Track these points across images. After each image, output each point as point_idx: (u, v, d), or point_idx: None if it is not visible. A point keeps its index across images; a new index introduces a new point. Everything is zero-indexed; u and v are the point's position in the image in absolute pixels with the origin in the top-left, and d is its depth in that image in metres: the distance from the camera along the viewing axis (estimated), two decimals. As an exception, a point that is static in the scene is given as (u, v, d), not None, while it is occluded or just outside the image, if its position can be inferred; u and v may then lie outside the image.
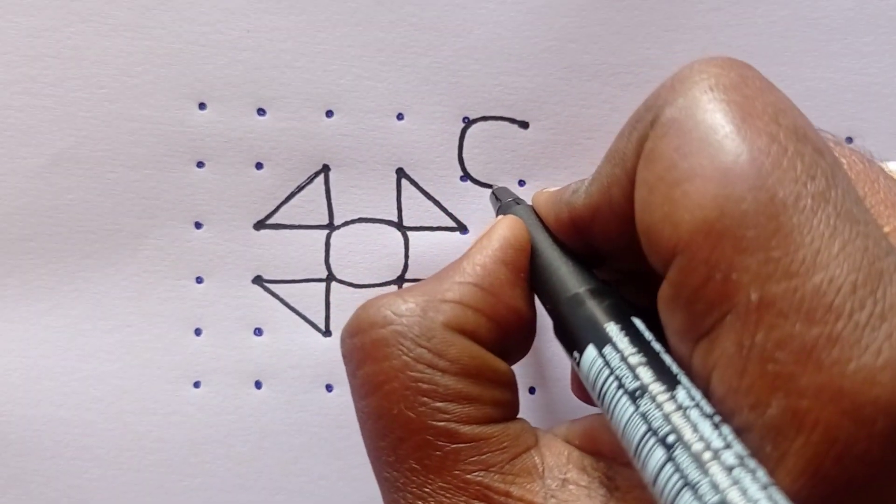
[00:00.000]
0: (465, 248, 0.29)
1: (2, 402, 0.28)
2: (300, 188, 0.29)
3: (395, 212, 0.29)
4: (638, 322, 0.19)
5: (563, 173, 0.30)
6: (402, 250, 0.29)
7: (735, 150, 0.16)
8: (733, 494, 0.14)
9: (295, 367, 0.29)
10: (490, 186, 0.30)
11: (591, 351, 0.19)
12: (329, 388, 0.29)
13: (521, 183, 0.30)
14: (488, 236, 0.22)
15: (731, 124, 0.16)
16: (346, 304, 0.29)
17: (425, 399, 0.19)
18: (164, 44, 0.28)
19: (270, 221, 0.29)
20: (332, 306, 0.29)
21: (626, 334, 0.18)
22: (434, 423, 0.19)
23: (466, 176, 0.30)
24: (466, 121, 0.29)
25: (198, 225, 0.29)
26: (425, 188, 0.29)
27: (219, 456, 0.29)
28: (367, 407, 0.20)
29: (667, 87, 0.18)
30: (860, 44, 0.30)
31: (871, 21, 0.30)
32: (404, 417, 0.19)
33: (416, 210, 0.29)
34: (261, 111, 0.29)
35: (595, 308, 0.20)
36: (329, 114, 0.29)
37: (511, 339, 0.21)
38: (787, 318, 0.15)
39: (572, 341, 0.20)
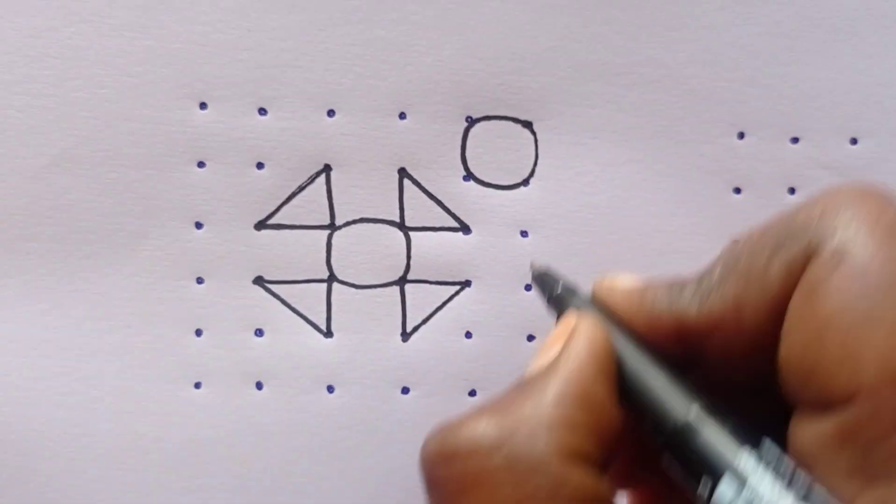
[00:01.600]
0: (468, 248, 0.30)
1: (1, 402, 0.28)
2: (301, 188, 0.29)
3: (398, 212, 0.30)
4: (771, 445, 0.18)
5: (567, 173, 0.30)
6: (405, 251, 0.30)
7: None
8: None
9: (296, 368, 0.29)
10: (495, 187, 0.30)
11: (726, 487, 0.17)
12: (330, 389, 0.30)
13: (526, 182, 0.30)
14: (575, 340, 0.20)
15: None
16: (347, 304, 0.30)
17: None
18: (164, 43, 0.28)
19: (271, 221, 0.29)
20: (333, 307, 0.30)
21: (768, 465, 0.17)
22: None
23: (469, 176, 0.30)
24: (469, 120, 0.30)
25: (198, 225, 0.29)
26: (428, 188, 0.30)
27: (219, 457, 0.29)
28: None
29: (818, 216, 0.18)
30: (865, 44, 0.30)
31: (877, 21, 0.30)
32: None
33: (419, 210, 0.30)
34: (262, 111, 0.29)
35: (719, 433, 0.18)
36: (331, 113, 0.29)
37: (612, 455, 0.19)
38: None
39: (690, 471, 0.18)
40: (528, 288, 0.30)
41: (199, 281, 0.29)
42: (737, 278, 0.19)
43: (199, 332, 0.29)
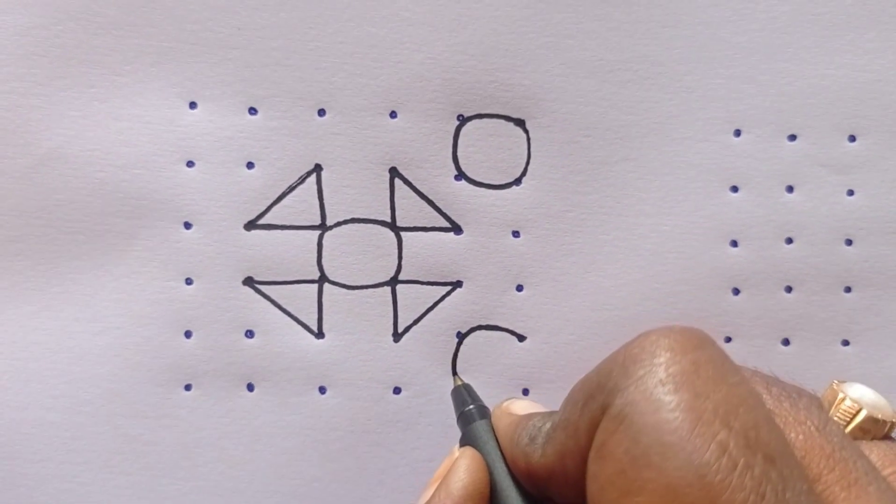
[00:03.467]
0: (460, 248, 0.30)
1: (-8, 404, 0.29)
2: (292, 188, 0.29)
3: (389, 212, 0.30)
4: None
5: (560, 172, 0.30)
6: (396, 251, 0.30)
7: (684, 463, 0.16)
8: None
9: (287, 369, 0.30)
10: (486, 186, 0.30)
11: None
12: (322, 390, 0.30)
13: (518, 182, 0.30)
14: (447, 485, 0.23)
15: (681, 430, 0.16)
16: (338, 305, 0.30)
17: None
18: (153, 42, 0.29)
19: (261, 222, 0.29)
20: (324, 308, 0.30)
21: None
22: None
23: (461, 175, 0.30)
24: (461, 119, 0.30)
25: (187, 225, 0.29)
26: (419, 188, 0.30)
27: (211, 459, 0.30)
28: None
29: (619, 366, 0.18)
30: (863, 40, 0.30)
31: (874, 17, 0.30)
32: None
33: (410, 210, 0.30)
34: (252, 110, 0.29)
35: None
36: (321, 112, 0.29)
37: None
38: None
39: None
40: (519, 289, 0.30)
41: (189, 282, 0.29)
42: (560, 428, 0.20)
43: (188, 334, 0.29)
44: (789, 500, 0.16)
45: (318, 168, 0.30)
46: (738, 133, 0.30)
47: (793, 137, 0.30)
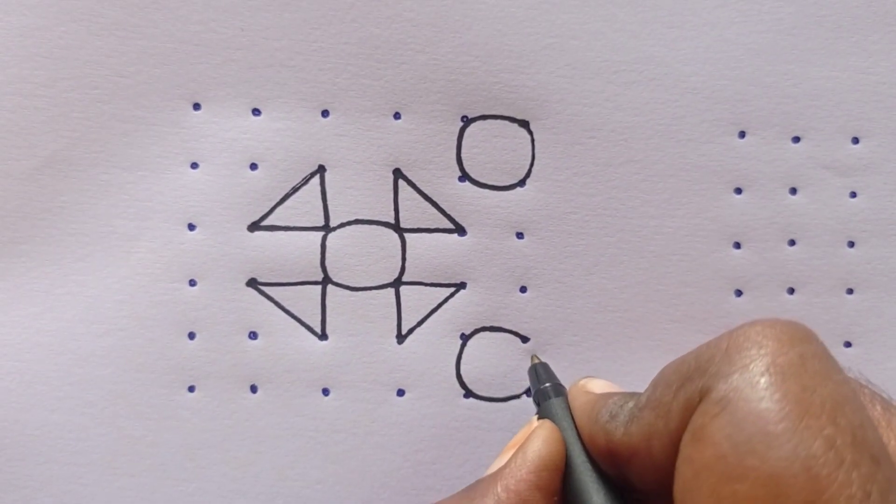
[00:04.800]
0: (463, 249, 0.30)
1: (-5, 405, 0.29)
2: (295, 189, 0.30)
3: (392, 213, 0.30)
4: None
5: (565, 173, 0.30)
6: (400, 252, 0.30)
7: (790, 454, 0.16)
8: None
9: (290, 371, 0.30)
10: (490, 187, 0.30)
11: None
12: (325, 392, 0.30)
13: (522, 183, 0.30)
14: (524, 451, 0.23)
15: (788, 420, 0.16)
16: (342, 307, 0.30)
17: None
18: (157, 43, 0.29)
19: (265, 223, 0.30)
20: (328, 310, 0.30)
21: None
22: None
23: (465, 176, 0.30)
24: (465, 120, 0.30)
25: (191, 227, 0.29)
26: (423, 189, 0.30)
27: (214, 461, 0.30)
28: None
29: (721, 353, 0.18)
30: (867, 42, 0.30)
31: (879, 19, 0.30)
32: None
33: (414, 211, 0.30)
34: (255, 111, 0.29)
35: None
36: (325, 113, 0.30)
37: None
38: None
39: None
40: (523, 290, 0.30)
41: (192, 283, 0.30)
42: (649, 407, 0.20)
43: (192, 336, 0.30)
44: (893, 502, 0.16)
45: (321, 169, 0.30)
46: (742, 135, 0.30)
47: (797, 139, 0.31)
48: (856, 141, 0.31)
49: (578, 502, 0.22)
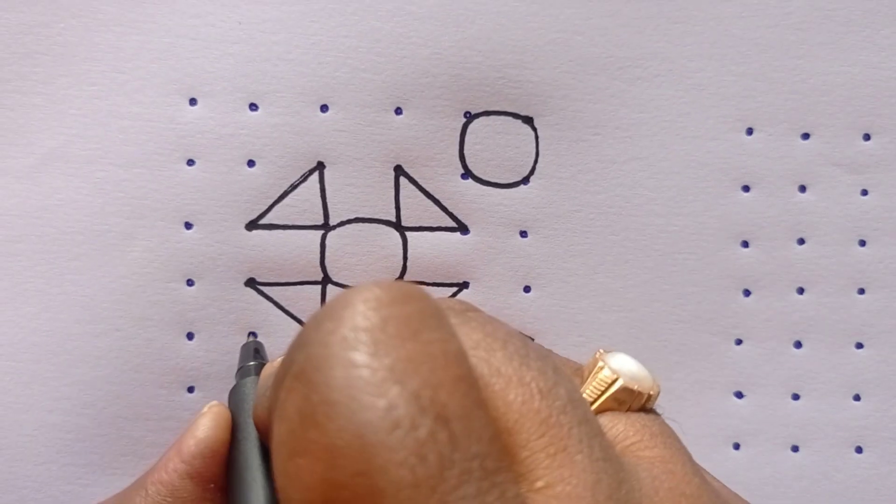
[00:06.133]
0: (466, 248, 0.30)
1: (-8, 405, 0.29)
2: (294, 187, 0.30)
3: (394, 211, 0.30)
4: None
5: (569, 171, 0.30)
6: (401, 251, 0.30)
7: (345, 423, 0.15)
8: None
9: (290, 370, 0.30)
10: (494, 185, 0.30)
11: None
12: (326, 392, 0.30)
13: (526, 181, 0.30)
14: (182, 439, 0.23)
15: (348, 389, 0.15)
16: (342, 306, 0.30)
17: None
18: (154, 38, 0.29)
19: (263, 221, 0.30)
20: (328, 309, 0.30)
21: None
22: None
23: (468, 174, 0.30)
24: (468, 116, 0.30)
25: (188, 225, 0.29)
26: (425, 186, 0.30)
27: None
28: None
29: (313, 319, 0.17)
30: (879, 37, 0.30)
31: (891, 13, 0.30)
32: None
33: (415, 209, 0.30)
34: (253, 106, 0.29)
35: None
36: (324, 108, 0.29)
37: None
38: None
39: None
40: (526, 290, 0.30)
41: (190, 283, 0.29)
42: (274, 385, 0.19)
43: (190, 336, 0.30)
44: (456, 461, 0.15)
45: (320, 166, 0.30)
46: (750, 131, 0.30)
47: (806, 136, 0.30)
48: (867, 137, 0.30)
49: (237, 488, 0.22)
